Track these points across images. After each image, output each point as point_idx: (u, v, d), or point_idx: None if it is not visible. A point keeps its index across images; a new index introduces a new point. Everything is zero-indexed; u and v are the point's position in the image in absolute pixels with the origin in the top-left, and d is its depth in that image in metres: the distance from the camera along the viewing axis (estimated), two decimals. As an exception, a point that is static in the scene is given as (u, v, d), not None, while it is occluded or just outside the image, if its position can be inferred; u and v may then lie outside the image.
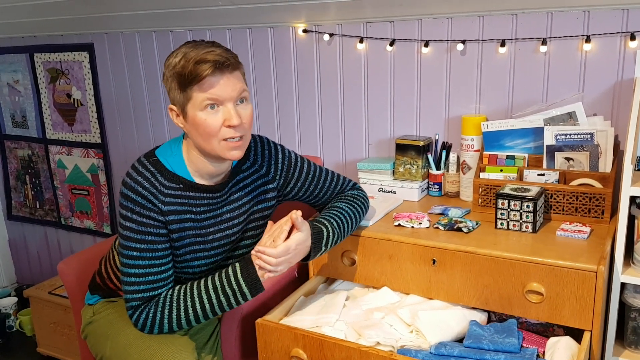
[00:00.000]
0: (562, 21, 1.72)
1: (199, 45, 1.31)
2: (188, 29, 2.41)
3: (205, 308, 1.38)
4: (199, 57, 1.28)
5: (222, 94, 1.31)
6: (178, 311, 1.38)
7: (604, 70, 1.70)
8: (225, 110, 1.32)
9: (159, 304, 1.39)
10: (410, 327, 1.45)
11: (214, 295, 1.38)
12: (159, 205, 1.39)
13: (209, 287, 1.39)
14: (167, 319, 1.39)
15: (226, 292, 1.38)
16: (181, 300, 1.39)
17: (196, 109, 1.31)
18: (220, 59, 1.29)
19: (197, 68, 1.27)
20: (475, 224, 1.60)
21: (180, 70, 1.29)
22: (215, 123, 1.32)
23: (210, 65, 1.27)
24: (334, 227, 1.49)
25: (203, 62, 1.27)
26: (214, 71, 1.28)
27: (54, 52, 2.83)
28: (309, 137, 2.27)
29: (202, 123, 1.32)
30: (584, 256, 1.37)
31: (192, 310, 1.38)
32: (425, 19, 1.92)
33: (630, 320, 1.51)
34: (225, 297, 1.38)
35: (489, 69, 1.86)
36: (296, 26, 2.16)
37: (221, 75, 1.30)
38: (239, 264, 1.39)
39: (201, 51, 1.29)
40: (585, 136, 1.66)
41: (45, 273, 3.30)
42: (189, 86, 1.30)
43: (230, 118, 1.32)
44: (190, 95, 1.31)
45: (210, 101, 1.30)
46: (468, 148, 1.85)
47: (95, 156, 2.88)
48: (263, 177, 1.55)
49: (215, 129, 1.32)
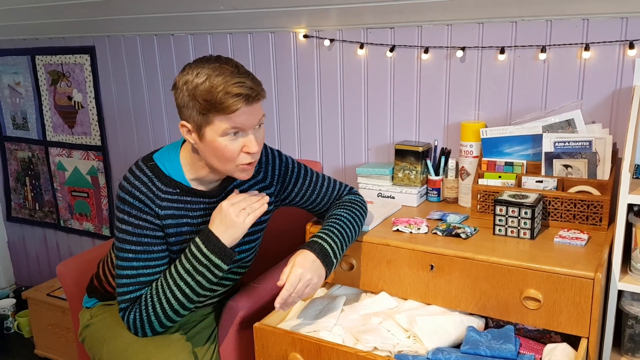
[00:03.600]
0: (561, 29, 1.73)
1: (224, 69, 1.27)
2: (189, 33, 2.42)
3: (186, 292, 1.38)
4: (229, 88, 1.25)
5: (246, 124, 1.31)
6: (161, 304, 1.38)
7: (603, 78, 1.71)
8: (245, 137, 1.33)
9: (141, 303, 1.40)
10: (407, 332, 1.45)
11: (189, 278, 1.37)
12: (156, 209, 1.40)
13: (180, 272, 1.38)
14: (153, 315, 1.39)
15: (200, 270, 1.37)
16: (160, 293, 1.38)
17: (216, 134, 1.30)
18: (252, 93, 1.27)
19: (226, 99, 1.25)
20: (473, 230, 1.60)
21: (204, 94, 1.26)
22: (235, 149, 1.32)
23: (242, 99, 1.26)
24: (335, 237, 1.47)
25: (234, 95, 1.25)
26: (245, 104, 1.27)
27: (55, 55, 2.84)
28: (308, 141, 2.28)
29: (221, 148, 1.32)
30: (581, 263, 1.38)
31: (174, 300, 1.38)
32: (425, 26, 1.93)
33: (628, 328, 1.51)
34: (202, 275, 1.37)
35: (489, 76, 1.87)
36: (297, 31, 2.17)
37: (248, 107, 1.29)
38: (200, 239, 1.38)
39: (230, 80, 1.25)
40: (584, 144, 1.66)
41: (43, 275, 3.30)
42: (212, 112, 1.27)
43: (250, 146, 1.33)
44: (211, 120, 1.29)
45: (233, 130, 1.30)
46: (467, 154, 1.86)
47: (95, 159, 2.89)
48: (260, 182, 1.55)
49: (234, 155, 1.33)
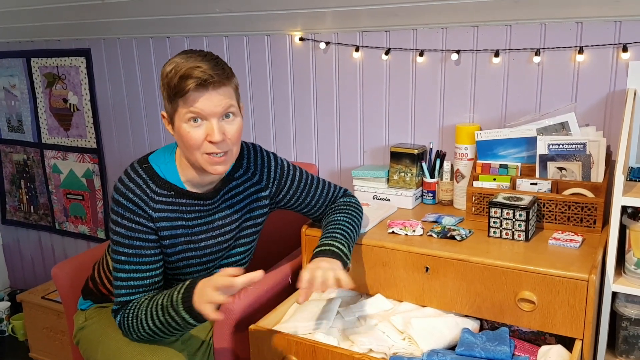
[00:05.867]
0: (555, 32, 1.74)
1: (190, 57, 1.30)
2: (185, 36, 2.42)
3: (156, 324, 1.33)
4: (184, 72, 1.27)
5: (204, 109, 1.30)
6: (138, 322, 1.36)
7: (597, 81, 1.72)
8: (208, 125, 1.32)
9: (127, 311, 1.38)
10: (402, 334, 1.45)
11: (160, 313, 1.32)
12: (149, 211, 1.39)
13: (158, 303, 1.33)
14: (132, 327, 1.37)
15: (169, 311, 1.31)
16: (140, 311, 1.35)
17: (181, 120, 1.32)
18: (204, 76, 1.27)
19: (181, 82, 1.27)
20: (468, 232, 1.61)
21: (168, 81, 1.30)
22: (197, 137, 1.32)
23: (193, 81, 1.27)
24: (342, 238, 1.47)
25: (188, 77, 1.27)
26: (197, 87, 1.28)
27: (51, 57, 2.84)
28: (304, 144, 2.28)
29: (185, 135, 1.33)
30: (575, 265, 1.38)
31: (145, 324, 1.34)
32: (420, 29, 1.94)
33: (622, 329, 1.52)
34: (170, 317, 1.31)
35: (483, 79, 1.88)
36: (292, 34, 2.18)
37: (204, 91, 1.29)
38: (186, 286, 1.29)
39: (190, 64, 1.28)
40: (578, 146, 1.67)
41: (38, 278, 3.28)
42: (174, 98, 1.31)
43: (212, 134, 1.32)
44: (176, 107, 1.32)
45: (192, 114, 1.31)
46: (462, 157, 1.86)
47: (90, 161, 2.88)
48: (255, 185, 1.55)
49: (197, 143, 1.33)
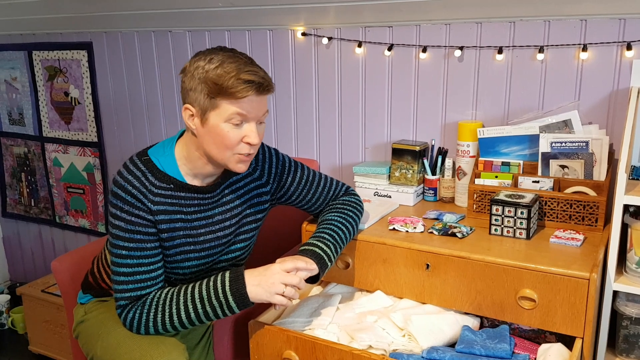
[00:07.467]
0: (559, 29, 1.73)
1: (238, 58, 1.31)
2: (187, 30, 2.41)
3: (191, 316, 1.37)
4: (241, 75, 1.28)
5: (252, 112, 1.33)
6: (163, 316, 1.37)
7: (600, 79, 1.71)
8: (247, 127, 1.34)
9: (145, 306, 1.38)
10: (402, 331, 1.45)
11: (199, 304, 1.36)
12: (148, 204, 1.39)
13: (195, 295, 1.36)
14: (152, 322, 1.38)
15: (213, 304, 1.35)
16: (167, 305, 1.37)
17: (221, 119, 1.32)
18: (263, 83, 1.31)
19: (238, 84, 1.28)
20: (469, 230, 1.60)
21: (216, 78, 1.28)
22: (235, 137, 1.34)
23: (253, 86, 1.29)
24: (328, 242, 1.47)
25: (246, 81, 1.28)
26: (255, 91, 1.30)
27: (52, 50, 2.83)
28: (305, 140, 2.28)
29: (222, 134, 1.33)
30: (577, 263, 1.38)
31: (176, 317, 1.37)
32: (423, 25, 1.93)
33: (622, 328, 1.52)
34: (212, 308, 1.36)
35: (486, 76, 1.87)
36: (295, 29, 2.17)
37: (257, 96, 1.32)
38: (229, 276, 1.36)
39: (243, 67, 1.29)
40: (581, 144, 1.66)
41: (38, 271, 3.29)
42: (219, 96, 1.30)
43: (251, 136, 1.34)
44: (218, 104, 1.31)
45: (239, 117, 1.32)
46: (464, 154, 1.86)
47: (91, 155, 2.88)
48: (256, 180, 1.55)
49: (233, 143, 1.34)
